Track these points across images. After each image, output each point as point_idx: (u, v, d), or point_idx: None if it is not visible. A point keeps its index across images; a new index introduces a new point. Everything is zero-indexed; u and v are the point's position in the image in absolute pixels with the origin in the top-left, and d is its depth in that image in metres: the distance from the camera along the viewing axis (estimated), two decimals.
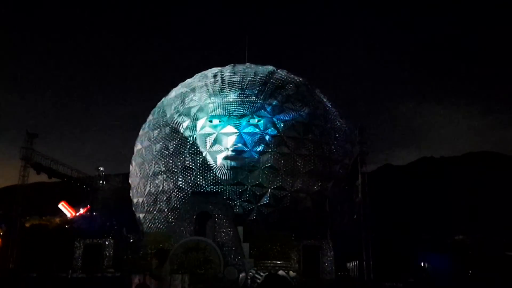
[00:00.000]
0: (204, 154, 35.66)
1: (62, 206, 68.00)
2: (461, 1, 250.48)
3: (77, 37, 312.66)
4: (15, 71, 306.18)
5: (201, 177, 35.40)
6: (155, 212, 37.47)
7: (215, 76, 39.77)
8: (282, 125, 36.21)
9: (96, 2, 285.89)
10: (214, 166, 35.26)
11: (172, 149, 36.88)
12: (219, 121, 36.17)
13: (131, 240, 35.76)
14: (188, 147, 36.30)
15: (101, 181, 44.66)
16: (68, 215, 66.97)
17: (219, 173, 35.05)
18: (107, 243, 33.99)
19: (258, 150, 35.25)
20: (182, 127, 37.12)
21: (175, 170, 36.33)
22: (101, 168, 44.83)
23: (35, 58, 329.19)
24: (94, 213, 48.04)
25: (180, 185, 36.01)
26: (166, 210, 36.59)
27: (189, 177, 35.76)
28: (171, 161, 36.65)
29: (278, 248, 32.36)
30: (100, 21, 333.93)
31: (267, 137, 35.61)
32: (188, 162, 35.95)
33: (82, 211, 63.72)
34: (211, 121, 36.33)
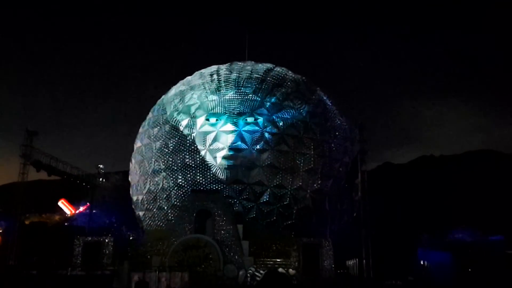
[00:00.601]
0: (203, 152, 35.63)
1: (62, 204, 68.23)
2: (462, 2, 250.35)
3: (78, 35, 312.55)
4: (15, 69, 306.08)
5: (200, 175, 35.33)
6: (155, 210, 37.43)
7: (212, 74, 39.68)
8: (281, 123, 36.09)
9: (97, 2, 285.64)
10: (214, 164, 35.21)
11: (171, 147, 36.81)
12: (216, 120, 36.06)
13: (130, 238, 35.78)
14: (187, 145, 36.22)
15: (100, 179, 44.54)
16: (68, 212, 67.20)
17: (218, 171, 35.01)
18: (106, 240, 34.03)
19: (257, 148, 35.18)
20: (181, 125, 37.04)
21: (175, 168, 36.27)
22: (101, 166, 44.69)
23: (35, 57, 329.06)
24: (94, 211, 48.00)
25: (180, 183, 35.95)
26: (166, 208, 36.56)
27: (188, 175, 35.70)
28: (170, 159, 36.57)
29: (278, 246, 32.39)
30: (100, 20, 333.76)
31: (266, 135, 35.53)
32: (187, 160, 35.88)
33: (81, 208, 63.93)
34: (208, 120, 36.26)
